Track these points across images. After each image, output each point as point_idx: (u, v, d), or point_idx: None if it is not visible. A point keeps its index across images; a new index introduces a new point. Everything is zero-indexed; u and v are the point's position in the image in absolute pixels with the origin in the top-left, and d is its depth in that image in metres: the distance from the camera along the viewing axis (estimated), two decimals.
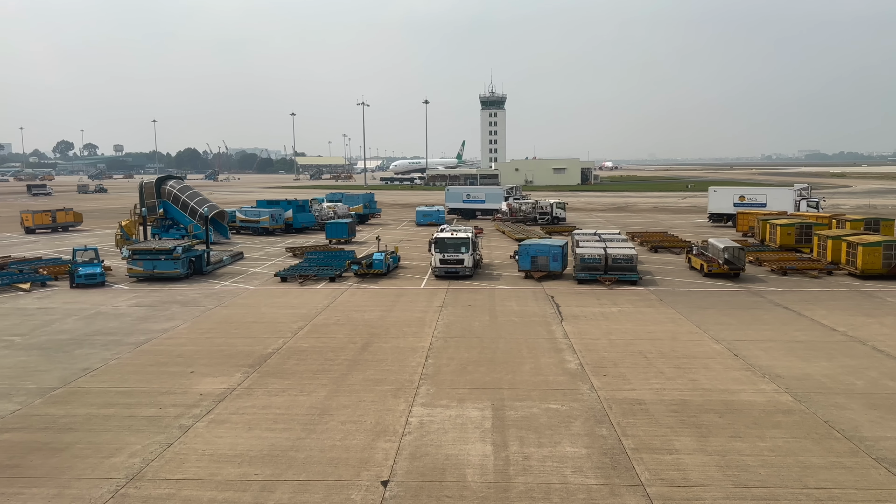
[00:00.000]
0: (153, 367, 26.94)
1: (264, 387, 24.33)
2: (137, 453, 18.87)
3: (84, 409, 22.34)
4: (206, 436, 20.02)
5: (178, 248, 46.57)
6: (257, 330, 32.52)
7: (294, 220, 78.12)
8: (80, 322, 34.46)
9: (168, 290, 42.84)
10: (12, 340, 30.97)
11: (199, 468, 17.87)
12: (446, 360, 27.20)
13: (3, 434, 20.45)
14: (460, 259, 46.11)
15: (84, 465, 18.15)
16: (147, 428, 20.72)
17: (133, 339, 31.16)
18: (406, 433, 19.94)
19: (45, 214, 79.78)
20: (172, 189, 68.78)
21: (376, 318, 34.96)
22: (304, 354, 28.31)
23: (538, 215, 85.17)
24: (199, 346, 29.93)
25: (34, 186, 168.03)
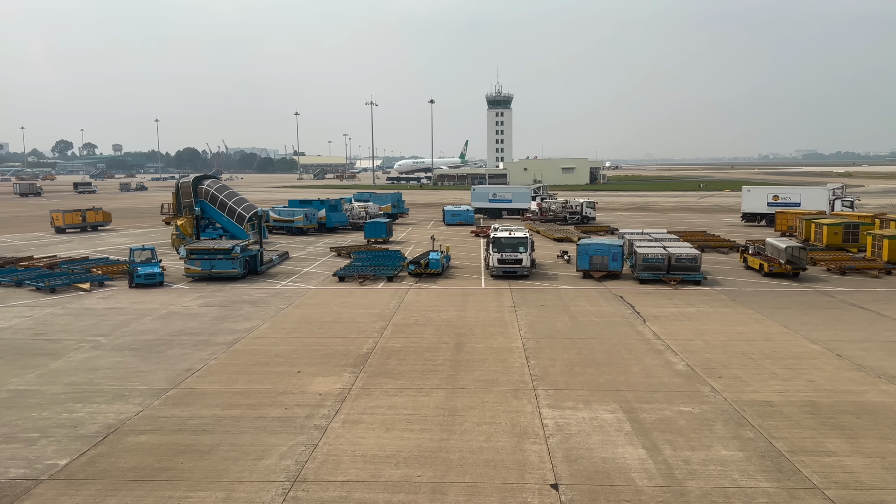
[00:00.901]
0: (256, 367, 26.68)
1: (379, 387, 24.10)
2: (286, 455, 18.64)
3: (208, 410, 22.07)
4: (347, 437, 19.79)
5: (236, 247, 46.26)
6: (341, 329, 32.31)
7: (327, 220, 77.91)
8: (158, 322, 34.19)
9: (230, 289, 42.58)
10: (98, 341, 30.70)
11: (358, 470, 17.66)
12: (548, 361, 26.99)
13: (139, 436, 20.08)
14: (518, 259, 45.97)
15: (238, 468, 17.89)
16: (282, 429, 20.48)
17: (221, 339, 30.88)
18: (548, 436, 19.72)
19: (75, 214, 79.48)
20: (210, 189, 68.42)
21: (454, 318, 34.74)
22: (402, 354, 28.07)
23: (568, 215, 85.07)
24: (291, 345, 29.67)
25: (81, 185, 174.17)
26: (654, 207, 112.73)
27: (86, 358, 28.06)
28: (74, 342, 30.50)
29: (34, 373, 26.15)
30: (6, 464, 18.26)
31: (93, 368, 26.62)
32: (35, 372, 26.22)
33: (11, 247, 64.28)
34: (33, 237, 73.35)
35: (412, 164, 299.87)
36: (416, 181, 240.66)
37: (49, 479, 17.41)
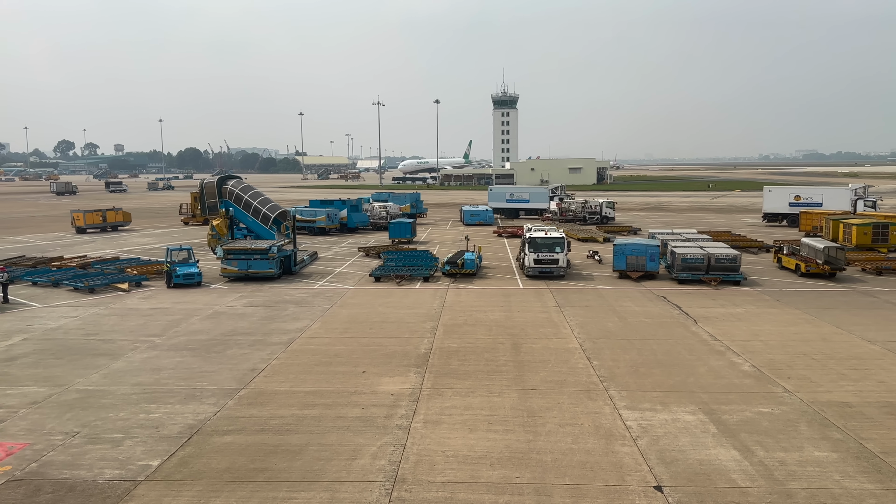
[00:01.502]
0: (319, 367, 26.68)
1: (449, 387, 24.09)
2: (378, 455, 18.63)
3: (286, 410, 22.08)
4: (433, 437, 19.77)
5: (273, 247, 46.24)
6: (392, 330, 32.31)
7: (349, 220, 77.91)
8: (207, 322, 34.17)
9: (269, 289, 42.57)
10: (153, 341, 30.67)
11: (454, 470, 17.67)
12: (611, 362, 26.98)
13: (223, 437, 20.04)
14: (555, 259, 45.97)
15: (334, 468, 17.89)
16: (366, 429, 20.48)
17: (275, 339, 30.87)
18: (636, 437, 19.68)
19: (95, 214, 79.47)
20: (234, 189, 68.20)
21: (502, 318, 34.76)
22: (461, 355, 28.06)
23: (587, 215, 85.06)
24: (348, 346, 29.68)
25: (112, 183, 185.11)
26: (669, 207, 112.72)
27: (146, 358, 28.00)
28: (129, 342, 30.44)
29: (98, 373, 26.10)
30: (98, 465, 18.20)
31: (156, 369, 26.55)
32: (99, 372, 26.17)
33: (36, 247, 64.27)
34: (55, 237, 73.31)
35: (416, 165, 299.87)
36: (422, 181, 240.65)
37: (146, 480, 17.34)
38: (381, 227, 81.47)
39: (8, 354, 28.63)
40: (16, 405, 22.71)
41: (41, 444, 19.63)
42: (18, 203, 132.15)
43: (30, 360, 27.97)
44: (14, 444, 19.45)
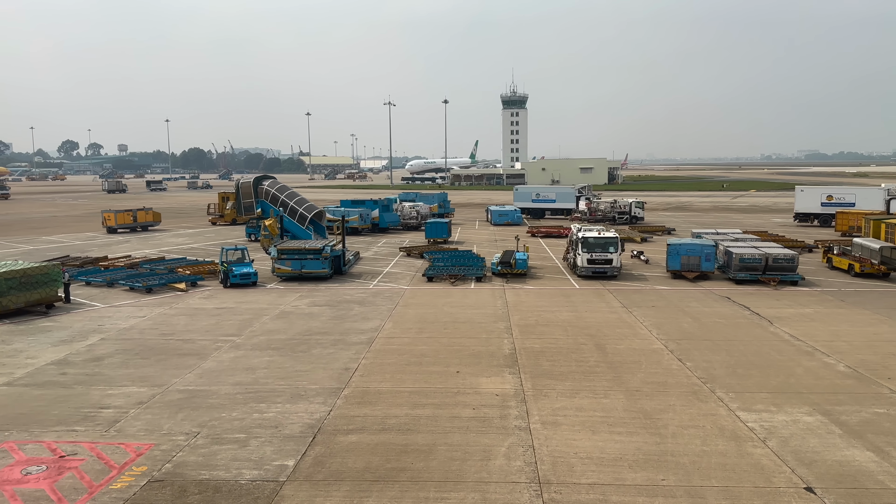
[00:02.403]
0: (411, 367, 26.66)
1: (551, 388, 24.11)
2: (510, 456, 18.62)
3: (398, 409, 22.08)
4: (558, 438, 19.73)
5: (326, 247, 46.21)
6: (467, 330, 32.32)
7: (380, 220, 77.80)
8: (279, 322, 34.15)
9: (326, 289, 42.52)
10: (233, 341, 30.63)
11: (594, 472, 17.64)
12: (704, 363, 26.94)
13: (348, 436, 20.01)
14: (609, 259, 45.88)
15: (473, 469, 17.88)
16: (485, 429, 20.47)
17: (354, 338, 30.83)
18: (763, 439, 19.62)
19: (126, 214, 79.39)
20: (270, 189, 68.26)
21: (572, 318, 34.70)
22: (548, 355, 28.05)
23: (617, 215, 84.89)
24: (429, 345, 29.65)
25: (153, 183, 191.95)
26: (692, 207, 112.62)
27: (234, 358, 27.95)
28: (210, 342, 30.38)
29: (192, 373, 26.04)
30: (234, 465, 18.13)
31: (249, 368, 26.49)
32: (192, 372, 26.12)
33: (72, 247, 64.27)
34: (87, 237, 73.26)
35: (423, 165, 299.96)
36: (431, 181, 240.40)
37: (289, 480, 17.29)
38: (411, 227, 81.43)
39: (92, 354, 28.55)
40: (123, 405, 22.63)
41: (166, 444, 19.53)
42: (58, 203, 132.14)
43: (116, 360, 27.88)
44: (140, 445, 19.37)
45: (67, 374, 26.00)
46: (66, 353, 28.75)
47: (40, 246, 64.84)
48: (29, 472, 17.43)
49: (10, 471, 17.54)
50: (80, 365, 27.13)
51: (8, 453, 18.80)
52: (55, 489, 16.67)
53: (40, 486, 16.73)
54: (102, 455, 18.69)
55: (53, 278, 36.63)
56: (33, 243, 67.30)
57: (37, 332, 32.15)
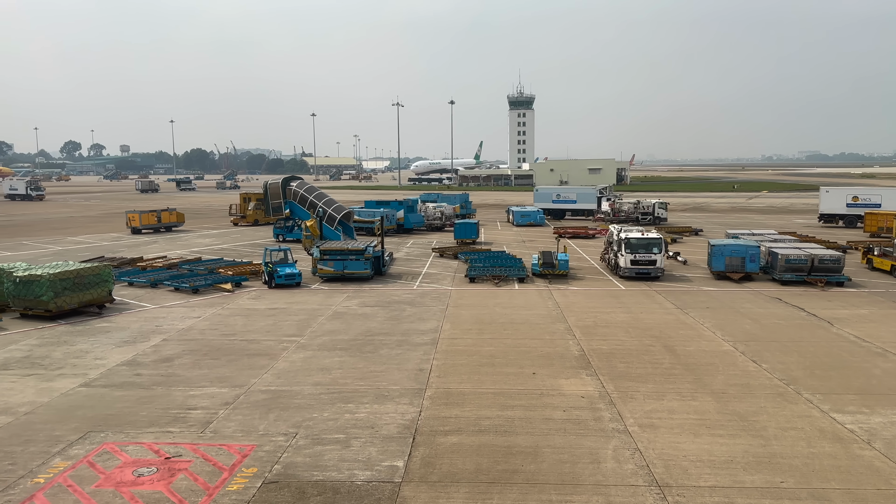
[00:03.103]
0: (485, 367, 26.59)
1: (635, 390, 24.07)
2: (619, 458, 18.53)
3: (487, 410, 22.05)
4: (661, 441, 19.63)
5: (368, 248, 46.11)
6: (527, 331, 32.30)
7: (405, 221, 77.69)
8: (336, 322, 34.07)
9: (371, 290, 42.43)
10: (297, 341, 30.58)
11: (710, 475, 17.60)
12: (780, 365, 26.90)
13: (447, 437, 19.97)
14: (652, 260, 45.77)
15: (586, 471, 17.84)
16: (584, 431, 20.45)
17: (417, 339, 30.76)
18: (868, 440, 19.55)
19: (151, 215, 79.25)
20: (298, 190, 68.27)
21: (629, 319, 34.61)
22: (620, 357, 28.00)
23: (640, 215, 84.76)
24: (496, 346, 29.58)
25: (182, 182, 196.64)
26: (710, 208, 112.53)
27: (305, 358, 27.86)
28: (274, 342, 30.29)
29: (268, 373, 25.94)
30: (344, 466, 18.04)
31: (324, 369, 26.40)
32: (268, 372, 26.03)
33: (101, 247, 64.20)
34: (113, 238, 73.10)
35: (429, 166, 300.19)
36: (438, 182, 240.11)
37: (405, 481, 17.19)
38: (435, 227, 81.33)
39: (161, 355, 28.44)
40: (210, 406, 22.51)
41: (268, 445, 19.42)
42: (71, 204, 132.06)
43: (186, 360, 27.77)
44: (243, 446, 19.25)
45: (142, 374, 25.85)
46: (133, 353, 28.59)
47: (69, 247, 64.71)
48: (141, 473, 17.29)
49: (121, 472, 17.40)
50: (151, 366, 26.97)
51: (112, 455, 18.66)
52: (173, 491, 16.54)
53: (156, 488, 16.61)
54: (208, 456, 18.54)
55: (105, 279, 36.52)
56: (61, 244, 67.18)
57: (96, 333, 32.02)
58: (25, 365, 27.06)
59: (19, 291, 34.03)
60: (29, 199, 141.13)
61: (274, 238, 70.33)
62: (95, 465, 18.01)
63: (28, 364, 27.15)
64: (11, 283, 34.12)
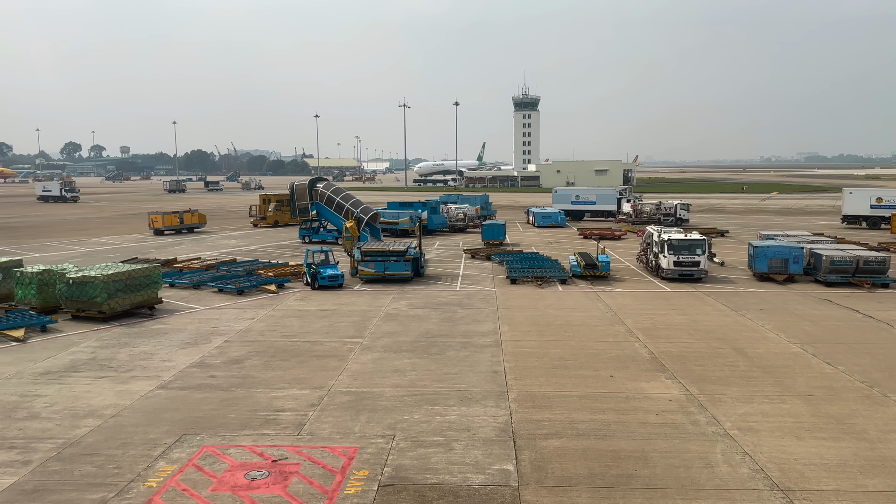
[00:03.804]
0: (560, 370, 26.51)
1: (720, 393, 23.91)
2: (730, 462, 18.48)
3: (578, 413, 21.90)
4: (768, 444, 19.55)
5: (410, 249, 45.90)
6: (588, 333, 32.17)
7: (429, 222, 77.46)
8: (392, 324, 33.97)
9: (414, 291, 42.24)
10: (359, 342, 30.47)
11: (828, 479, 17.48)
12: (856, 367, 26.81)
13: (549, 440, 19.86)
14: (696, 261, 45.59)
15: (702, 475, 17.67)
16: (684, 435, 20.28)
17: (479, 340, 30.64)
18: None
19: (173, 216, 78.97)
20: (325, 191, 68.10)
21: (687, 321, 34.46)
22: (694, 360, 27.80)
23: (662, 216, 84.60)
24: (561, 349, 29.43)
25: (211, 183, 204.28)
26: (726, 209, 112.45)
27: (373, 360, 27.69)
28: (337, 344, 30.11)
29: (342, 374, 25.78)
30: (454, 469, 17.84)
31: (397, 370, 26.20)
32: (342, 374, 25.90)
33: (127, 248, 64.09)
34: (136, 239, 72.87)
35: (432, 167, 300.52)
36: (443, 183, 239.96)
37: (522, 485, 16.97)
38: (457, 228, 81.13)
39: (228, 357, 28.21)
40: (296, 407, 22.30)
41: (370, 447, 19.21)
42: (83, 205, 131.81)
43: (256, 362, 27.54)
44: (346, 448, 19.04)
45: (216, 376, 25.60)
46: (199, 355, 28.35)
47: (95, 248, 64.47)
48: (253, 477, 17.04)
49: (233, 476, 17.16)
50: (221, 367, 26.74)
51: (216, 458, 18.41)
52: (292, 495, 16.29)
53: (273, 492, 16.37)
54: (314, 459, 18.32)
55: (154, 280, 36.27)
56: (86, 245, 66.92)
57: (154, 335, 31.78)
58: (94, 367, 26.79)
59: (72, 293, 33.73)
60: (63, 201, 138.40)
61: (299, 239, 70.19)
62: (203, 468, 17.75)
63: (96, 366, 26.89)
64: (64, 284, 33.81)
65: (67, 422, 21.08)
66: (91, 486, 16.86)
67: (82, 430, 20.44)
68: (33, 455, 18.68)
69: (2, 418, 21.40)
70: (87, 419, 21.28)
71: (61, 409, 22.19)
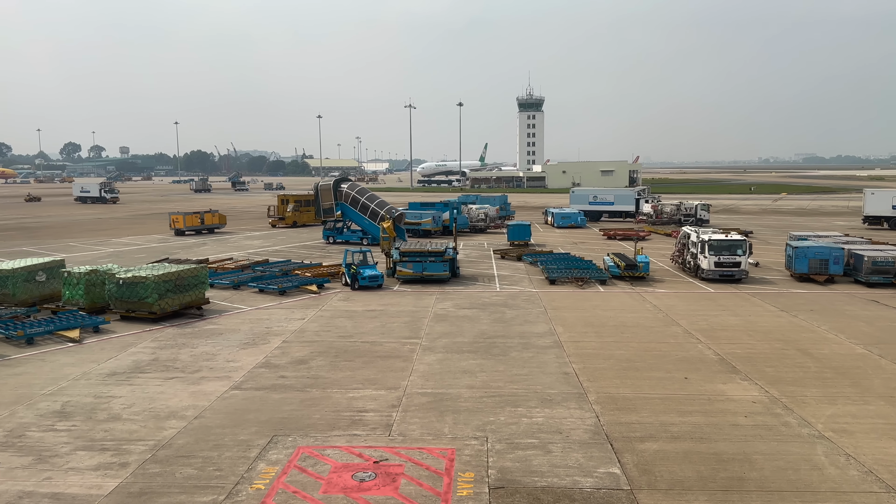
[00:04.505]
0: (631, 371, 26.30)
1: (800, 395, 23.84)
2: (837, 465, 18.34)
3: (665, 416, 21.73)
4: (867, 446, 19.55)
5: (448, 249, 45.65)
6: (646, 334, 32.22)
7: (451, 223, 77.09)
8: (444, 324, 33.82)
9: (454, 291, 42.07)
10: (418, 343, 30.39)
11: None
12: None
13: (645, 443, 19.64)
14: (737, 262, 45.43)
15: (813, 478, 17.53)
16: (782, 437, 20.20)
17: (538, 342, 30.57)
18: None
19: (194, 216, 78.68)
20: (350, 192, 67.87)
21: (743, 322, 34.38)
22: (763, 362, 27.67)
23: (682, 217, 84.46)
24: (626, 350, 29.33)
25: (237, 183, 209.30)
26: (741, 210, 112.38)
27: (438, 360, 27.57)
28: (396, 344, 29.91)
29: (412, 375, 25.55)
30: (560, 472, 17.64)
31: (466, 372, 26.05)
32: (412, 374, 25.66)
33: (152, 249, 63.93)
34: (159, 239, 72.57)
35: (435, 167, 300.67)
36: (448, 184, 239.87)
37: (635, 488, 16.71)
38: (478, 229, 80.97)
39: (292, 357, 27.97)
40: (378, 408, 22.10)
41: (466, 449, 19.05)
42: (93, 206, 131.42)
43: (321, 362, 27.31)
44: (443, 450, 18.75)
45: (286, 377, 25.35)
46: (262, 356, 28.09)
47: (119, 248, 64.18)
48: (362, 479, 16.76)
49: (340, 478, 16.91)
50: (289, 368, 26.49)
51: (316, 459, 18.16)
52: (406, 497, 16.04)
53: (387, 494, 16.14)
54: (415, 460, 18.10)
55: (202, 280, 36.00)
56: (109, 245, 66.63)
57: (209, 335, 31.51)
58: (159, 368, 26.51)
59: (122, 293, 33.43)
60: (102, 202, 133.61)
61: (323, 240, 69.88)
62: (305, 470, 17.49)
63: (161, 367, 26.61)
64: (114, 284, 33.51)
65: (151, 423, 20.77)
66: (197, 488, 16.57)
67: (169, 431, 20.12)
68: (128, 457, 18.39)
69: (84, 419, 21.07)
70: (170, 420, 20.98)
71: (140, 410, 21.89)
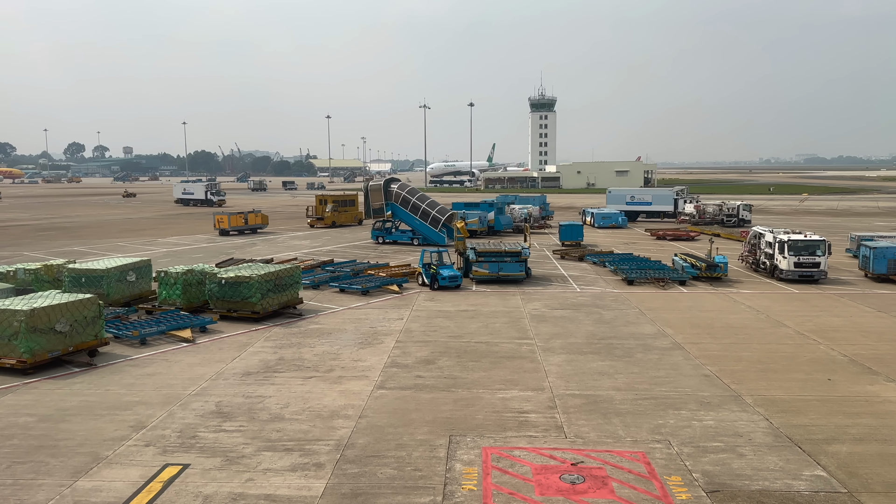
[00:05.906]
0: (769, 373, 26.10)
1: None
2: None
3: (834, 418, 21.58)
4: None
5: (525, 250, 45.37)
6: (759, 336, 31.91)
7: (496, 223, 77.03)
8: (547, 325, 33.90)
9: (536, 292, 41.91)
10: (533, 343, 30.19)
11: None
12: None
13: (831, 445, 19.20)
14: (817, 262, 45.15)
15: None
16: None
17: (656, 343, 30.37)
18: None
19: (238, 216, 78.36)
20: (400, 192, 67.64)
21: (850, 324, 34.18)
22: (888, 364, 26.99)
23: (724, 217, 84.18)
24: (749, 351, 29.23)
25: (288, 183, 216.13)
26: (773, 211, 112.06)
27: (565, 361, 27.43)
28: (511, 345, 29.80)
29: (549, 376, 25.30)
30: (765, 475, 17.44)
31: (602, 373, 25.80)
32: (548, 375, 25.39)
33: (201, 249, 63.77)
34: (207, 239, 72.33)
35: (444, 167, 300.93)
36: (460, 184, 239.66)
37: (850, 492, 16.39)
38: (520, 229, 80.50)
39: (415, 357, 27.76)
40: (534, 409, 22.08)
41: (655, 452, 18.81)
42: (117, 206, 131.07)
43: (447, 361, 27.11)
44: (634, 453, 18.43)
45: (423, 377, 25.05)
46: (384, 355, 27.87)
47: (171, 248, 63.87)
48: (572, 481, 16.39)
49: (548, 479, 16.57)
50: (419, 367, 26.29)
51: (510, 461, 17.85)
52: (626, 499, 15.67)
53: (604, 496, 15.87)
54: (612, 463, 17.82)
55: (297, 280, 35.70)
56: (157, 245, 66.35)
57: (320, 335, 31.21)
58: (290, 367, 26.22)
59: (224, 293, 33.11)
60: (208, 205, 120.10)
61: (372, 240, 69.56)
62: (507, 471, 17.19)
63: (292, 366, 26.32)
64: (216, 284, 33.20)
65: (319, 423, 20.47)
66: (407, 489, 16.27)
67: (342, 431, 19.82)
68: (318, 457, 18.04)
69: (248, 420, 20.76)
70: (336, 420, 20.69)
71: (299, 409, 21.59)
